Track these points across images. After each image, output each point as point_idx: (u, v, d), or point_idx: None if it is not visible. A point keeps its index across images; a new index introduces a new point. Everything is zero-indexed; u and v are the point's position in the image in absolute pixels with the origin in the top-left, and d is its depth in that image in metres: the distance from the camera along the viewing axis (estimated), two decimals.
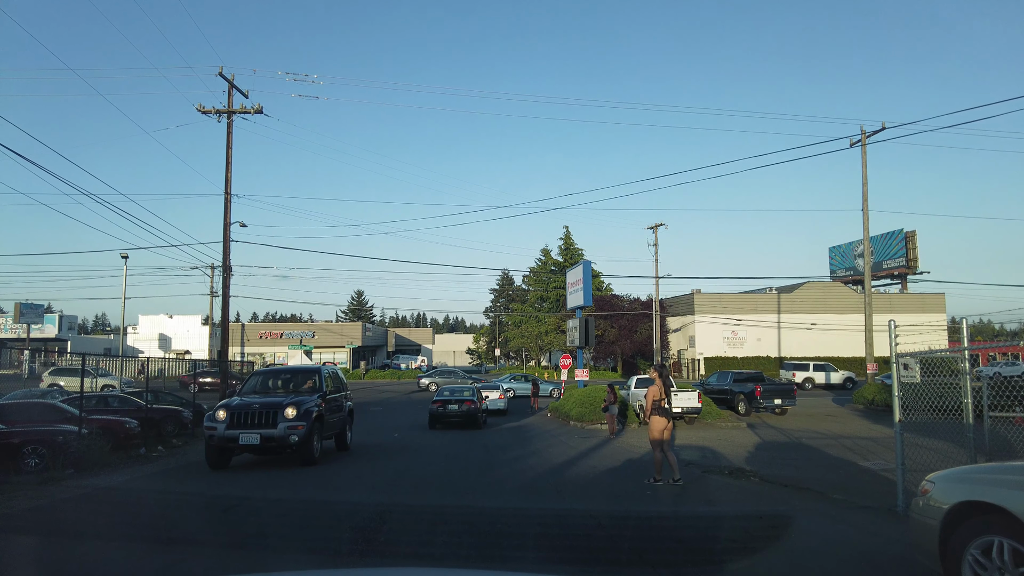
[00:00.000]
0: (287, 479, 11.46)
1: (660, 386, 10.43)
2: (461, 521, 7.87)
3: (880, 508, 8.63)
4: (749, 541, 6.85)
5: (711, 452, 15.01)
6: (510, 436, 19.11)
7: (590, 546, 6.65)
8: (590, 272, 25.58)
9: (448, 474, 12.11)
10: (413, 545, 6.63)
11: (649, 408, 10.42)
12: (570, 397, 24.03)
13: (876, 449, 15.92)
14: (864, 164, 31.87)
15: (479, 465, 13.33)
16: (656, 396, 10.43)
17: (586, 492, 10.49)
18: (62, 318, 68.14)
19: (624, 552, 6.32)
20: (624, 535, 7.13)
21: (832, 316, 59.09)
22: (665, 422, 10.21)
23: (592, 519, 8.05)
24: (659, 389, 10.47)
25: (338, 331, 59.19)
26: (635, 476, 11.39)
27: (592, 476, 11.90)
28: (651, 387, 10.60)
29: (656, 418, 10.26)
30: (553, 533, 7.17)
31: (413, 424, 23.18)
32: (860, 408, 28.23)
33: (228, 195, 28.43)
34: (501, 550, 6.40)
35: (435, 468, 12.92)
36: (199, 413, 22.31)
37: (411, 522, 7.98)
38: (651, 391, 10.54)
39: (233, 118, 28.86)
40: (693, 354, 58.08)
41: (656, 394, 10.45)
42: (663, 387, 10.49)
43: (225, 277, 28.00)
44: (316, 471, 12.14)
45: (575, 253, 68.35)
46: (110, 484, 10.81)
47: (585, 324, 25.70)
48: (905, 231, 66.66)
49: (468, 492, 10.42)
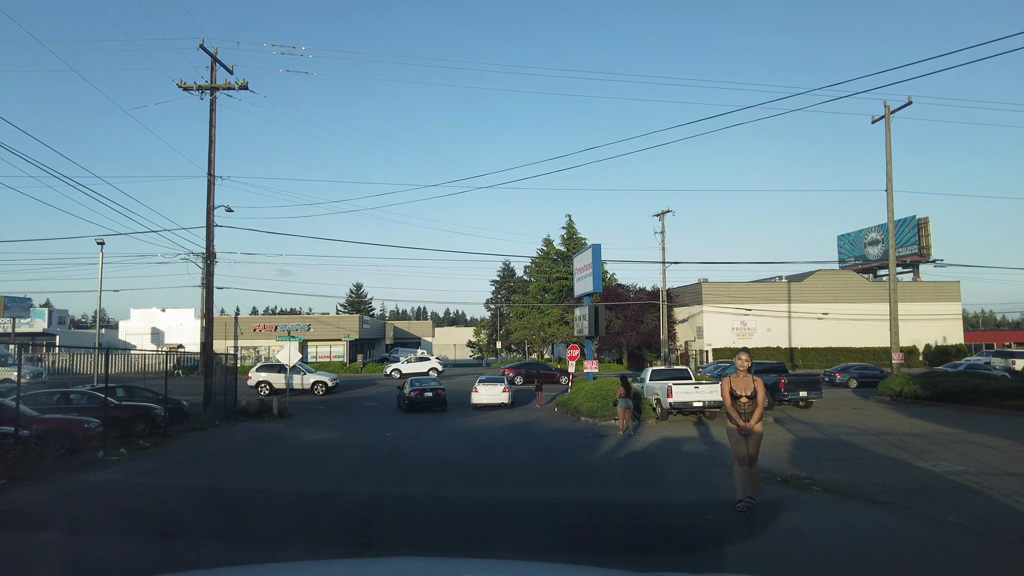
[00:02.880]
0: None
1: (748, 375, 7.72)
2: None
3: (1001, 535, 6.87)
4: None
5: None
6: (516, 436, 17.33)
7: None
8: (600, 257, 23.79)
9: (445, 484, 10.26)
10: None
11: (727, 403, 7.74)
12: (580, 390, 22.27)
13: (928, 447, 14.19)
14: (888, 141, 30.05)
15: (483, 475, 11.48)
16: (745, 391, 7.62)
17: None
18: (51, 312, 66.40)
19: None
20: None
21: (844, 305, 57.39)
22: (756, 422, 7.61)
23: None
24: (745, 379, 7.70)
25: (334, 324, 57.34)
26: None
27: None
28: (726, 378, 7.89)
29: (734, 417, 7.68)
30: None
31: (408, 421, 21.45)
32: (887, 400, 26.51)
33: (211, 177, 26.62)
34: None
35: (431, 477, 11.10)
36: (176, 410, 20.62)
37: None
38: (724, 383, 7.86)
39: (216, 94, 27.00)
40: (701, 345, 56.32)
41: (745, 388, 7.64)
42: (755, 379, 7.72)
43: (208, 264, 26.26)
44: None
45: (578, 242, 66.44)
46: (17, 504, 8.78)
47: (594, 312, 23.93)
48: (918, 218, 64.82)
49: (472, 520, 7.82)
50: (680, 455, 13.62)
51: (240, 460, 13.51)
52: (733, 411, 7.73)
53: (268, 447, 15.51)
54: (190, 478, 11.34)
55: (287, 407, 23.72)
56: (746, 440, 7.65)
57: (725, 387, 7.84)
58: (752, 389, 7.65)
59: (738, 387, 7.73)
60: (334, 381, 34.20)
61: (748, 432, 7.61)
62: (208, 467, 12.62)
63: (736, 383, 7.78)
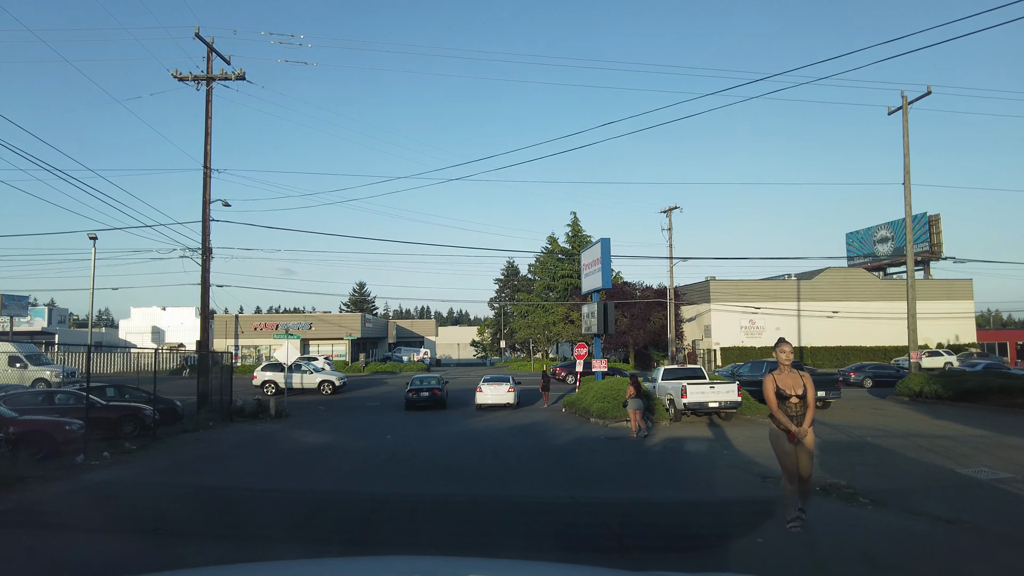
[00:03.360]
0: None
1: (794, 370, 6.60)
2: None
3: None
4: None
5: (771, 459, 12.27)
6: (523, 439, 16.45)
7: None
8: (609, 251, 22.88)
9: (449, 500, 9.35)
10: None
11: (773, 404, 6.53)
12: (589, 390, 21.39)
13: (964, 451, 13.28)
14: (905, 133, 29.13)
15: (490, 484, 10.59)
16: (794, 390, 6.45)
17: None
18: (52, 310, 65.75)
19: None
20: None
21: (854, 304, 56.40)
22: (807, 428, 6.41)
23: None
24: (792, 376, 6.54)
25: (336, 322, 56.55)
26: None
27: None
28: (770, 375, 6.64)
29: (784, 423, 6.44)
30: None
31: (410, 423, 20.59)
32: (906, 400, 25.57)
33: (207, 169, 25.84)
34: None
35: (433, 488, 10.19)
36: (169, 411, 19.82)
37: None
38: (769, 381, 6.58)
39: (213, 85, 26.27)
40: (709, 344, 55.37)
41: (794, 386, 6.47)
42: (804, 375, 6.64)
43: (205, 259, 25.43)
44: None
45: (583, 240, 65.55)
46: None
47: (604, 309, 23.03)
48: (929, 215, 63.69)
49: (477, 546, 6.56)
50: (703, 459, 12.73)
51: (224, 466, 12.64)
52: (782, 415, 6.45)
53: (257, 452, 14.64)
54: (166, 486, 10.49)
55: (285, 407, 22.90)
56: (796, 449, 6.45)
57: (770, 386, 6.54)
58: (802, 387, 6.46)
59: (785, 385, 6.46)
60: (342, 380, 33.36)
61: (799, 440, 6.44)
62: (188, 473, 11.77)
63: (783, 380, 6.50)
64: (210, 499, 9.20)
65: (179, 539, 6.75)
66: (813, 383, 6.65)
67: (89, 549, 6.46)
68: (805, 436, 6.41)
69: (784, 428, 6.48)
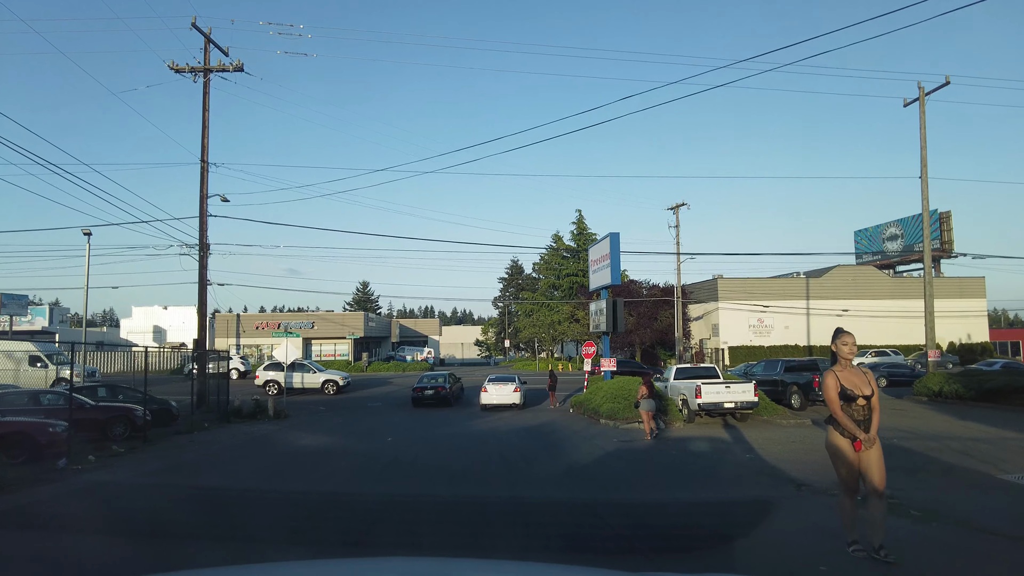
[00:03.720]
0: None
1: (858, 368, 5.58)
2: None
3: None
4: None
5: (801, 463, 11.51)
6: (531, 441, 15.70)
7: None
8: (618, 247, 22.12)
9: (453, 513, 8.57)
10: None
11: (836, 407, 5.44)
12: (598, 390, 20.63)
13: (1001, 455, 12.50)
14: (922, 125, 28.29)
15: (497, 490, 9.86)
16: (861, 390, 5.42)
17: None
18: (53, 310, 65.29)
19: None
20: None
21: (864, 302, 55.53)
22: (874, 438, 5.41)
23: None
24: (857, 374, 5.53)
25: (339, 321, 55.87)
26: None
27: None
28: (831, 371, 5.53)
29: (843, 432, 5.45)
30: None
31: (413, 424, 19.87)
32: (924, 400, 24.74)
33: (205, 163, 25.18)
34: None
35: (436, 496, 9.44)
36: (164, 411, 19.17)
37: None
38: (831, 378, 5.47)
39: (210, 77, 25.62)
40: (717, 343, 54.53)
41: (861, 386, 5.44)
42: (868, 372, 5.62)
43: (202, 256, 24.78)
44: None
45: (588, 238, 64.75)
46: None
47: (613, 307, 22.28)
48: (940, 212, 62.72)
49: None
50: (727, 464, 11.93)
51: (213, 471, 11.90)
52: (847, 420, 5.37)
53: (251, 455, 13.89)
54: (148, 492, 9.78)
55: (284, 408, 22.20)
56: (860, 460, 5.39)
57: (832, 385, 5.43)
58: (870, 388, 5.46)
59: (851, 384, 5.39)
60: (345, 380, 32.57)
61: (866, 449, 5.37)
62: (174, 478, 11.04)
63: (847, 378, 5.43)
64: (193, 506, 8.48)
65: (157, 548, 6.02)
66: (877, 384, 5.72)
67: (41, 568, 5.73)
68: (873, 444, 5.44)
69: (848, 435, 5.42)
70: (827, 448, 5.65)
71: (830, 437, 5.59)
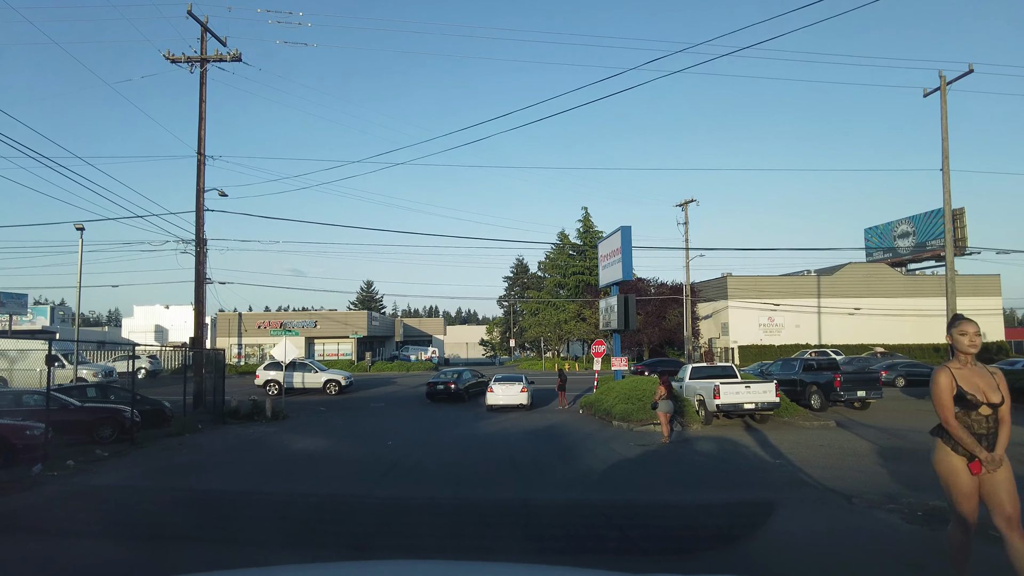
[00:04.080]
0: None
1: (982, 366, 4.29)
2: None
3: None
4: None
5: (837, 470, 10.58)
6: (542, 444, 14.81)
7: None
8: (630, 240, 21.23)
9: (458, 539, 7.59)
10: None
11: (950, 416, 4.17)
12: (610, 390, 19.74)
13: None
14: (944, 116, 27.31)
15: (513, 510, 8.87)
16: (986, 395, 4.16)
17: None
18: (54, 309, 64.72)
19: None
20: None
21: (876, 300, 54.44)
22: (1000, 458, 4.13)
23: None
24: (981, 374, 4.23)
25: (342, 320, 55.06)
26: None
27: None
28: (945, 368, 4.27)
29: (969, 445, 4.13)
30: None
31: (416, 426, 19.01)
32: None
33: (201, 156, 24.39)
34: None
35: (438, 509, 8.50)
36: (156, 412, 18.39)
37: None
38: (944, 377, 4.22)
39: (207, 67, 24.83)
40: (726, 342, 53.52)
41: (985, 388, 4.17)
42: (997, 372, 4.31)
43: (199, 251, 24.00)
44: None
45: (595, 235, 63.85)
46: None
47: (624, 303, 21.38)
48: (953, 209, 61.53)
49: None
50: (756, 472, 11.00)
51: (197, 477, 10.97)
52: (964, 433, 4.11)
53: (241, 460, 13.00)
54: (118, 503, 8.95)
55: (282, 408, 21.38)
56: (981, 485, 4.15)
57: (946, 386, 4.21)
58: (999, 394, 4.18)
59: (972, 386, 4.17)
60: (348, 379, 31.70)
61: (989, 471, 4.11)
62: (154, 486, 10.16)
63: (967, 379, 4.20)
64: (168, 516, 7.63)
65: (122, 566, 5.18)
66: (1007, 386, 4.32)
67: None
68: (1000, 466, 4.12)
69: (965, 453, 4.16)
70: (936, 468, 4.35)
71: (938, 454, 4.30)
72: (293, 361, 31.70)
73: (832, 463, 11.15)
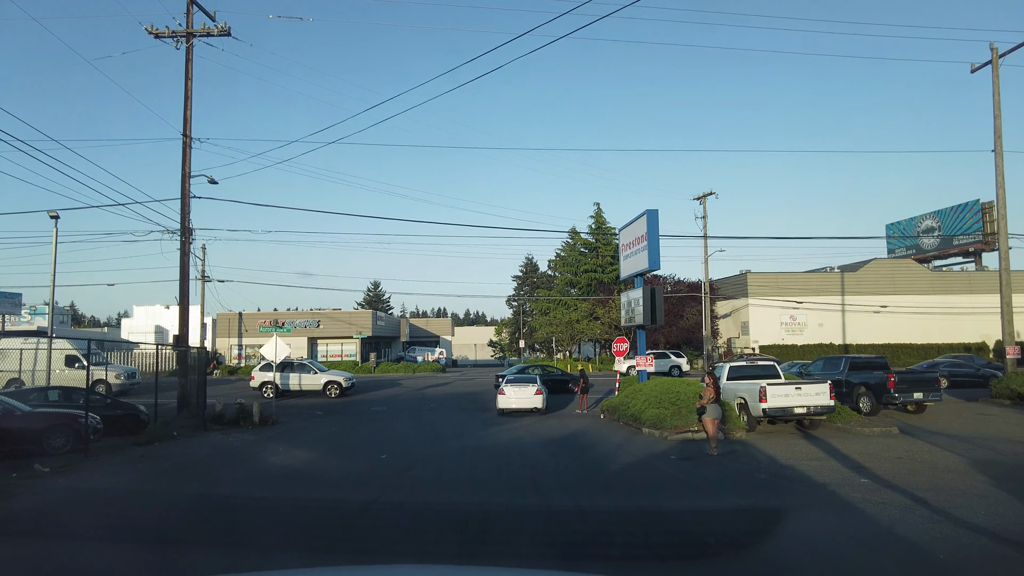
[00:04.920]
0: None
1: None
2: None
3: None
4: None
5: (946, 494, 8.37)
6: (568, 458, 12.67)
7: None
8: (657, 226, 19.05)
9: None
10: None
11: None
12: (637, 393, 17.57)
13: None
14: (996, 92, 25.05)
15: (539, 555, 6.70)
16: None
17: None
18: (54, 309, 63.11)
19: None
20: None
21: (902, 297, 51.96)
22: None
23: None
24: None
25: (346, 320, 53.07)
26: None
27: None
28: None
29: None
30: None
31: (418, 435, 16.94)
32: (1007, 402, 21.57)
33: (187, 138, 22.41)
34: None
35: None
36: (130, 418, 16.45)
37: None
38: None
39: (193, 42, 22.82)
40: (747, 342, 51.15)
41: None
42: None
43: (183, 241, 22.03)
44: None
45: (607, 232, 61.66)
46: None
47: (651, 295, 19.21)
48: (982, 202, 59.01)
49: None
50: (856, 498, 8.85)
51: (125, 511, 8.62)
52: None
53: (200, 480, 10.81)
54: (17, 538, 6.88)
55: (272, 413, 19.37)
56: None
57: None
58: None
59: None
60: (349, 381, 29.62)
61: None
62: (51, 530, 7.94)
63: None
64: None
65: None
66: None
67: None
68: None
69: None
70: None
71: None
72: (291, 362, 29.70)
73: (932, 482, 8.96)
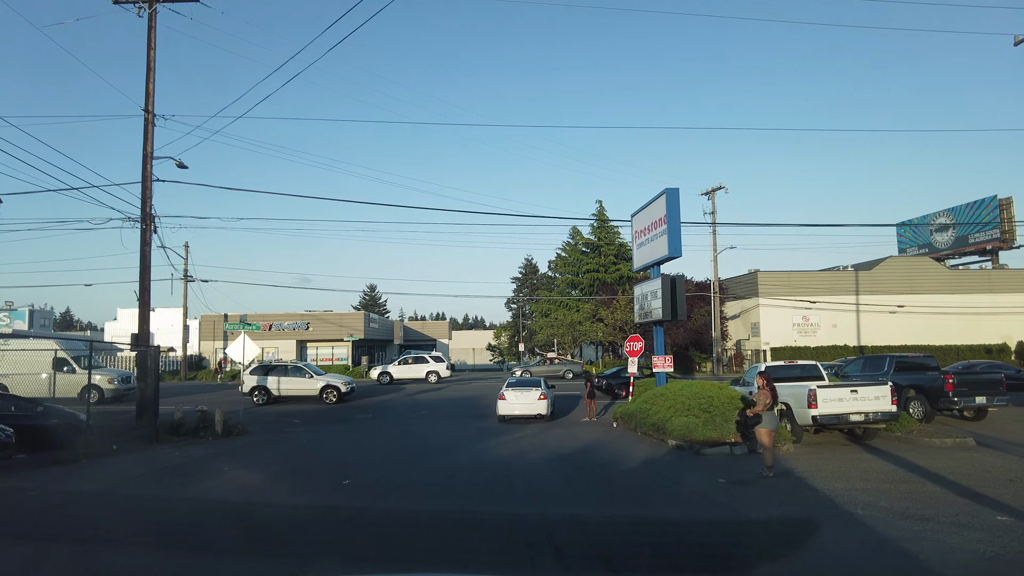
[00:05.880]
0: None
1: None
2: None
3: None
4: None
5: None
6: (583, 482, 10.27)
7: None
8: (678, 207, 16.67)
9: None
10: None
11: None
12: (657, 398, 15.14)
13: None
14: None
15: None
16: None
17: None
18: (33, 313, 60.83)
19: None
20: None
21: (919, 297, 49.60)
22: None
23: None
24: None
25: (337, 322, 50.58)
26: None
27: None
28: None
29: None
30: None
31: (401, 447, 14.53)
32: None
33: (150, 114, 20.01)
34: None
35: None
36: (65, 427, 14.07)
37: None
38: None
39: (157, 7, 20.49)
40: (757, 344, 48.76)
41: None
42: None
43: (144, 229, 19.62)
44: None
45: (610, 231, 59.40)
46: None
47: (671, 286, 16.85)
48: (999, 198, 56.83)
49: None
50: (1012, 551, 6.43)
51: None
52: None
53: (94, 522, 8.16)
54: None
55: (239, 422, 16.95)
56: None
57: None
58: None
59: None
60: (349, 386, 26.98)
61: None
62: None
63: None
64: None
65: None
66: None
67: None
68: None
69: None
70: None
71: None
72: (285, 365, 27.29)
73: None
